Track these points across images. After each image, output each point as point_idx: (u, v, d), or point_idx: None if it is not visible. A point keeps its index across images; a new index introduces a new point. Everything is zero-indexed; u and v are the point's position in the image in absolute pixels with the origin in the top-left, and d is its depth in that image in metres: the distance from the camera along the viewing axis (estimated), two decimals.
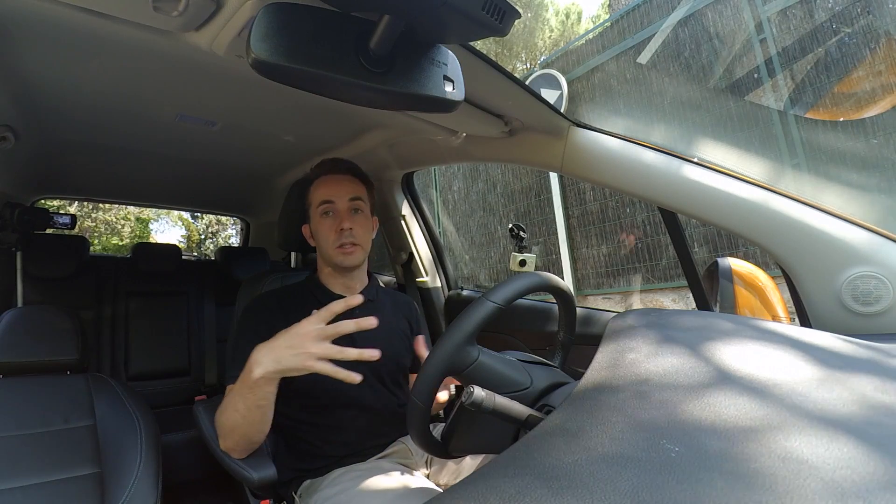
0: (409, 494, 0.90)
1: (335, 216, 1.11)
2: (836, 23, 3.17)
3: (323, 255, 1.14)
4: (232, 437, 0.92)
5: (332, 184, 1.13)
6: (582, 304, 1.62)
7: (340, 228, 1.09)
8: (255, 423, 0.89)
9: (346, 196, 1.12)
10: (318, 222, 1.12)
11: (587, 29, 8.69)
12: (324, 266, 1.17)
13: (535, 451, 0.43)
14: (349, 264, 1.12)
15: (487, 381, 0.68)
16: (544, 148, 1.10)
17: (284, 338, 0.84)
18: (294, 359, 0.81)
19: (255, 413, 0.88)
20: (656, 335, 0.57)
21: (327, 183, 1.14)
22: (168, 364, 2.13)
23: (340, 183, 1.14)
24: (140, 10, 0.68)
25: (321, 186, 1.14)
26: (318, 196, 1.13)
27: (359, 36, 0.54)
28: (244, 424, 0.89)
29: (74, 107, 1.19)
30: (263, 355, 0.84)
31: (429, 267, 1.82)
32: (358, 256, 1.12)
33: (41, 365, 1.24)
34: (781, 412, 0.41)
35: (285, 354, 0.82)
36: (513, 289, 0.72)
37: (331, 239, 1.10)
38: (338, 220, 1.10)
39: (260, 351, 0.85)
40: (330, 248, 1.10)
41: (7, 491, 1.01)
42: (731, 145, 3.58)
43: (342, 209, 1.11)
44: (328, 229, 1.10)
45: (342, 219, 1.10)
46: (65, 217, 1.96)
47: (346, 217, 1.10)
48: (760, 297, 0.87)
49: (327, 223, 1.11)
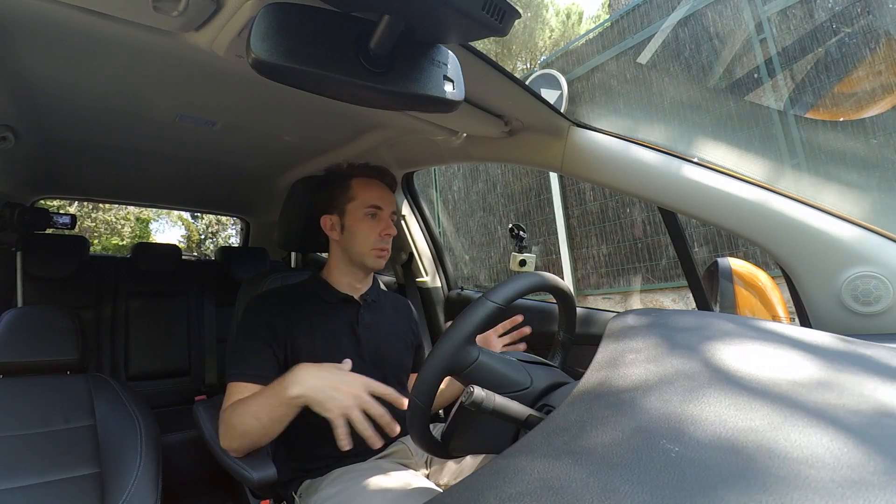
0: (409, 494, 0.90)
1: (379, 221, 1.14)
2: (836, 23, 3.17)
3: (353, 252, 1.15)
4: (240, 440, 0.92)
5: (380, 190, 1.17)
6: (582, 304, 1.62)
7: (387, 233, 1.14)
8: (270, 434, 0.91)
9: (391, 208, 1.18)
10: (359, 219, 1.14)
11: (587, 29, 8.69)
12: (339, 264, 1.18)
13: (535, 451, 0.43)
14: (378, 267, 1.16)
15: (487, 381, 0.68)
16: (544, 148, 1.10)
17: (334, 373, 0.87)
18: (330, 395, 0.83)
19: (275, 426, 0.89)
20: (656, 335, 0.57)
21: (376, 188, 1.17)
22: (168, 364, 2.13)
23: (386, 193, 1.18)
24: (140, 10, 0.68)
25: (370, 189, 1.16)
26: (368, 197, 1.14)
27: (359, 36, 0.54)
28: (259, 432, 0.90)
29: (74, 107, 1.19)
30: (306, 377, 0.86)
31: (429, 267, 1.82)
32: (385, 262, 1.17)
33: (41, 365, 1.24)
34: (781, 412, 0.41)
35: (325, 387, 0.84)
36: (513, 289, 0.72)
37: (371, 239, 1.13)
38: (383, 225, 1.14)
39: (303, 371, 0.87)
40: (367, 247, 1.13)
41: (7, 491, 1.01)
42: (731, 145, 3.58)
43: (386, 216, 1.16)
44: (370, 229, 1.13)
45: (389, 225, 1.15)
46: (65, 217, 1.96)
47: (391, 225, 1.16)
48: (760, 297, 0.87)
49: (371, 224, 1.14)
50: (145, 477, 1.14)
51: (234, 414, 0.92)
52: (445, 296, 1.83)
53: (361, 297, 1.18)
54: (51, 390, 1.21)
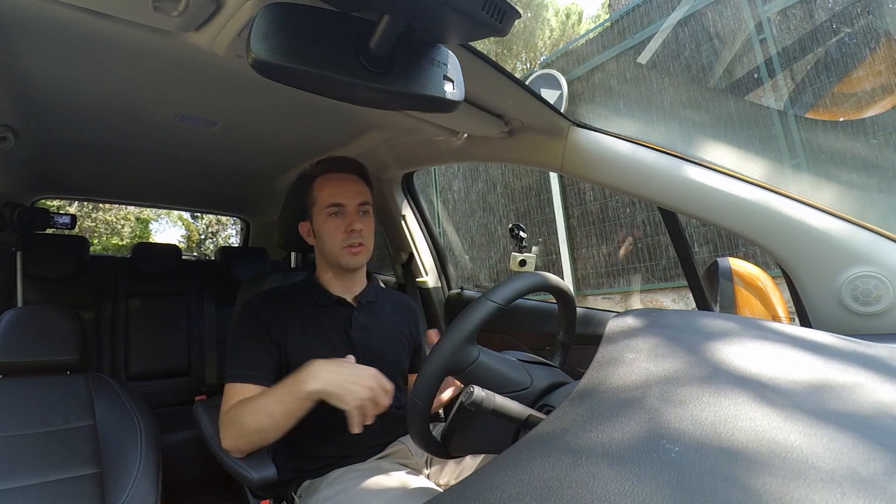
0: (409, 494, 0.90)
1: (344, 217, 1.10)
2: (836, 23, 3.17)
3: (326, 255, 1.12)
4: (250, 438, 0.92)
5: (339, 184, 1.12)
6: (582, 304, 1.62)
7: (351, 229, 1.09)
8: (281, 431, 0.91)
9: (356, 199, 1.11)
10: (323, 222, 1.10)
11: (587, 29, 8.69)
12: (324, 268, 1.16)
13: (535, 451, 0.43)
14: (355, 265, 1.12)
15: (487, 381, 0.68)
16: (544, 148, 1.10)
17: (348, 367, 0.90)
18: (348, 389, 0.86)
19: (289, 421, 0.90)
20: (656, 335, 0.57)
21: (334, 183, 1.12)
22: (168, 364, 2.13)
23: (348, 184, 1.12)
24: (140, 10, 0.68)
25: (328, 186, 1.11)
26: (326, 197, 1.10)
27: (359, 36, 0.54)
28: (272, 429, 0.91)
29: (74, 107, 1.19)
30: (321, 372, 0.88)
31: (429, 267, 1.82)
32: (364, 257, 1.11)
33: (41, 365, 1.24)
34: (781, 412, 0.41)
35: (343, 381, 0.87)
36: (513, 288, 0.72)
37: (338, 239, 1.09)
38: (347, 221, 1.09)
39: (319, 366, 0.89)
40: (337, 248, 1.09)
41: (7, 491, 1.01)
42: (732, 145, 3.57)
43: (351, 211, 1.11)
44: (335, 229, 1.09)
45: (352, 220, 1.09)
46: (65, 217, 1.96)
47: (356, 218, 1.10)
48: (760, 297, 0.87)
49: (335, 223, 1.09)
50: (145, 477, 1.14)
51: (243, 413, 0.92)
52: (445, 296, 1.83)
53: (356, 298, 1.16)
54: (51, 390, 1.21)
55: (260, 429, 0.91)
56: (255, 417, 0.91)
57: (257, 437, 0.92)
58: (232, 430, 0.93)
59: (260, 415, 0.90)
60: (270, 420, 0.90)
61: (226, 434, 0.94)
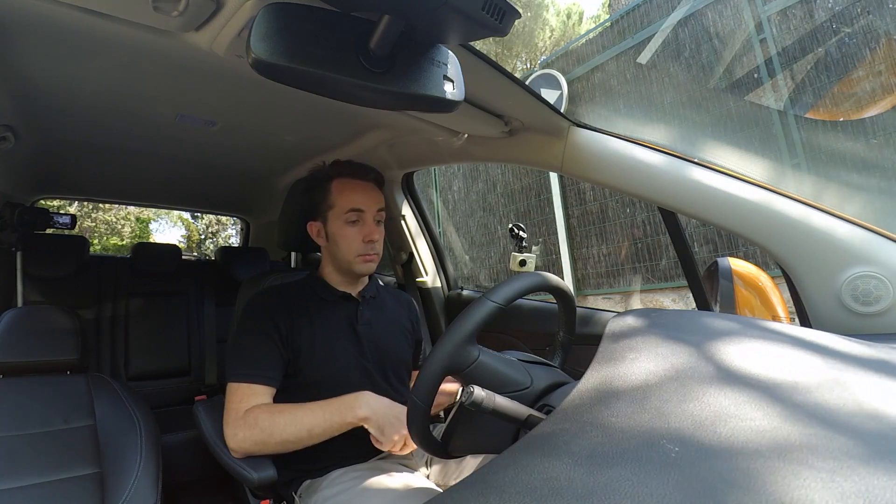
0: (409, 494, 0.90)
1: (363, 225, 1.11)
2: (836, 23, 3.17)
3: (339, 259, 1.13)
4: (272, 447, 0.94)
5: (359, 191, 1.12)
6: (582, 304, 1.62)
7: (370, 240, 1.10)
8: (307, 445, 0.94)
9: (374, 207, 1.12)
10: (340, 227, 1.10)
11: (587, 29, 8.69)
12: (330, 267, 1.17)
13: (535, 451, 0.43)
14: (368, 272, 1.14)
15: (487, 381, 0.68)
16: (544, 148, 1.10)
17: (397, 405, 0.96)
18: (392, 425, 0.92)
19: (322, 439, 0.93)
20: (656, 335, 0.57)
21: (354, 189, 1.12)
22: (168, 364, 2.13)
23: (368, 192, 1.13)
24: (140, 10, 0.68)
25: (348, 191, 1.11)
26: (347, 202, 1.10)
27: (359, 36, 0.54)
28: (303, 443, 0.93)
29: (74, 107, 1.19)
30: (372, 402, 0.94)
31: (429, 267, 1.82)
32: (375, 265, 1.14)
33: (41, 365, 1.24)
34: (781, 412, 0.41)
35: (390, 416, 0.93)
36: (513, 288, 0.71)
37: (355, 246, 1.10)
38: (366, 230, 1.11)
39: (370, 397, 0.94)
40: (352, 255, 1.10)
41: (7, 491, 1.01)
42: (732, 145, 3.58)
43: (370, 220, 1.12)
44: (354, 236, 1.10)
45: (371, 230, 1.11)
46: (65, 217, 1.96)
47: (374, 229, 1.11)
48: (760, 297, 0.87)
49: (353, 230, 1.10)
50: (145, 477, 1.14)
51: (273, 422, 0.92)
52: (445, 296, 1.83)
53: (360, 293, 1.18)
54: (51, 390, 1.21)
55: (292, 440, 0.92)
56: (289, 429, 0.92)
57: (282, 448, 0.93)
58: (249, 434, 0.93)
59: (296, 427, 0.92)
60: (307, 435, 0.92)
61: (241, 436, 0.93)
